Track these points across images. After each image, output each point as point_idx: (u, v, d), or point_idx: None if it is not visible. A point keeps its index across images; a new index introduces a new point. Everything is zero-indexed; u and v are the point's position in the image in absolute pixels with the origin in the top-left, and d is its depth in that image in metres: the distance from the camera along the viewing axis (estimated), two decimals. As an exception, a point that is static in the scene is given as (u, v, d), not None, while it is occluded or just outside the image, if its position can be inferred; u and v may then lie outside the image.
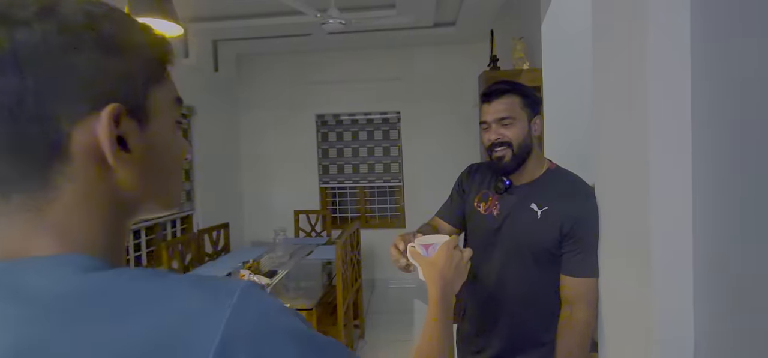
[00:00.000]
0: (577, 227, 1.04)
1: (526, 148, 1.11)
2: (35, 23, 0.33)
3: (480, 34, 3.78)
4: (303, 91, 4.48)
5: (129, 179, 0.37)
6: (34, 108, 0.33)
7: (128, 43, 0.37)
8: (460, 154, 4.34)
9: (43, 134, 0.33)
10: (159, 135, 0.40)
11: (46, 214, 0.35)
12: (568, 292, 1.06)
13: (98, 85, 0.35)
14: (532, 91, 1.15)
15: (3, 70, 0.32)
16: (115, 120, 0.35)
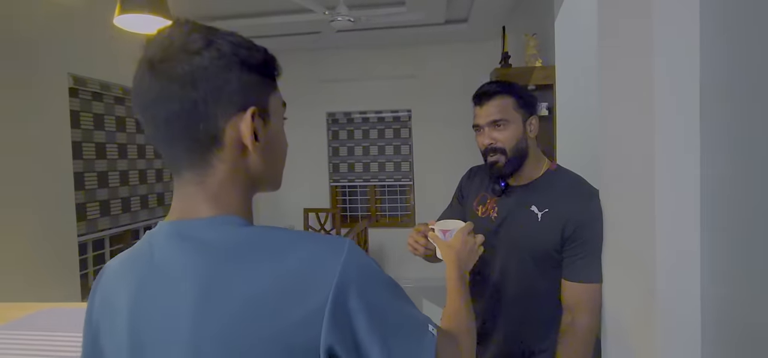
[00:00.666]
0: (580, 229, 0.99)
1: (522, 150, 1.07)
2: (204, 52, 0.47)
3: (492, 31, 3.71)
4: (314, 90, 4.49)
5: (257, 162, 0.53)
6: (203, 111, 0.47)
7: (257, 63, 0.51)
8: (471, 153, 4.28)
9: (207, 129, 0.48)
10: (274, 130, 0.55)
11: (206, 186, 0.50)
12: (570, 297, 1.01)
13: (241, 94, 0.49)
14: (526, 90, 1.11)
15: (184, 86, 0.46)
16: (252, 118, 0.50)
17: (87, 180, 2.45)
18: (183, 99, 0.46)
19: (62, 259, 2.24)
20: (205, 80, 0.47)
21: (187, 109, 0.47)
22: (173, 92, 0.46)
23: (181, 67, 0.46)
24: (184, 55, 0.46)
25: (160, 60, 0.47)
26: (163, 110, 0.47)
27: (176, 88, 0.46)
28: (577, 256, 1.00)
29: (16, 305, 1.20)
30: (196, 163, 0.49)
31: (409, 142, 4.47)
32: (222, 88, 0.48)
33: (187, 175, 0.50)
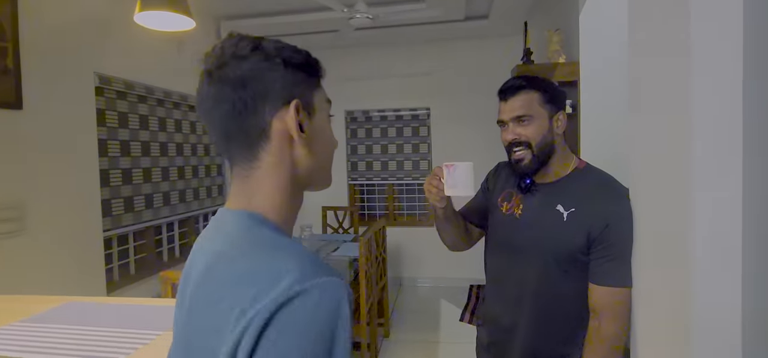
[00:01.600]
0: (608, 231, 0.95)
1: (548, 147, 1.03)
2: (251, 56, 0.52)
3: (514, 27, 3.64)
4: (332, 88, 4.44)
5: (303, 154, 0.55)
6: (252, 107, 0.52)
7: (300, 63, 0.55)
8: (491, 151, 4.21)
9: (255, 124, 0.52)
10: (320, 124, 0.58)
11: (250, 180, 0.54)
12: (597, 301, 0.97)
13: (286, 90, 0.53)
14: (553, 85, 1.06)
15: (235, 87, 0.51)
16: (296, 110, 0.53)
17: (112, 177, 2.51)
18: (235, 99, 0.51)
19: (88, 253, 2.30)
20: (253, 79, 0.52)
21: (238, 107, 0.51)
22: (227, 94, 0.52)
23: (233, 71, 0.51)
24: (234, 61, 0.52)
25: (215, 67, 0.52)
26: (218, 111, 0.52)
27: (229, 90, 0.51)
28: (605, 258, 0.96)
29: (42, 298, 1.23)
30: (247, 156, 0.53)
31: (427, 141, 4.43)
32: (268, 85, 0.52)
33: (238, 169, 0.54)
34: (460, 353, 2.92)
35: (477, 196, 1.25)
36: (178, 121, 3.13)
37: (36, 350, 0.90)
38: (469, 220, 1.24)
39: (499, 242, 1.15)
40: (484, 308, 1.22)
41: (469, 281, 4.27)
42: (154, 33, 2.69)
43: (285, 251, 0.47)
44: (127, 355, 0.86)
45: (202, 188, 3.44)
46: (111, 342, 0.92)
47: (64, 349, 0.91)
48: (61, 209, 2.11)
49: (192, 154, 3.30)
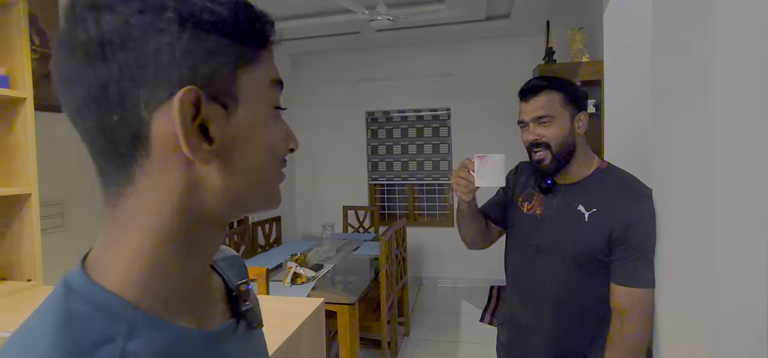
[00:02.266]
0: (630, 232, 0.94)
1: (569, 148, 1.03)
2: (118, 5, 0.31)
3: (535, 26, 3.60)
4: (353, 89, 4.54)
5: (212, 174, 0.34)
6: (118, 96, 0.31)
7: (213, 20, 0.32)
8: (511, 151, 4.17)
9: (125, 123, 0.31)
10: (250, 122, 0.35)
11: (118, 210, 0.33)
12: (619, 302, 0.97)
13: (179, 68, 0.31)
14: (575, 86, 1.06)
15: (89, 60, 0.31)
16: (194, 105, 0.32)
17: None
18: (90, 79, 0.31)
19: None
20: (122, 48, 0.30)
21: (94, 93, 0.31)
22: (79, 69, 0.31)
23: (87, 31, 0.31)
24: (90, 15, 0.31)
25: (67, 23, 0.32)
26: (70, 96, 0.32)
27: (81, 63, 0.31)
28: (627, 259, 0.95)
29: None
30: (114, 176, 0.33)
31: (448, 141, 4.42)
32: (149, 58, 0.31)
33: (107, 193, 0.34)
34: (480, 353, 2.91)
35: (498, 194, 1.26)
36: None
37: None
38: (489, 218, 1.25)
39: (520, 242, 1.15)
40: (504, 308, 1.23)
41: (489, 281, 4.24)
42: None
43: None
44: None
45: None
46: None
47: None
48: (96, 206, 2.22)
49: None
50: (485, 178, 1.02)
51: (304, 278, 2.38)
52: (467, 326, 3.39)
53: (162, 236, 0.33)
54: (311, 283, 2.35)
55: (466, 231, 1.21)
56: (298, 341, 0.97)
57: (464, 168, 1.06)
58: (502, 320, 1.24)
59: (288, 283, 2.32)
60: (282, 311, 1.08)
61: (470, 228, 1.19)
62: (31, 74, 1.31)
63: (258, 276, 1.93)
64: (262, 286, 1.92)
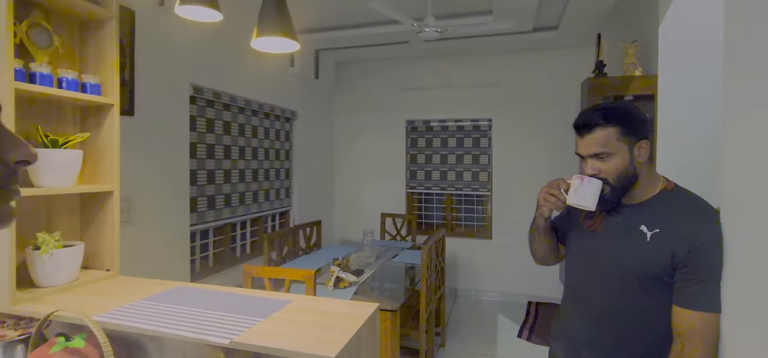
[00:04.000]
0: (695, 253, 0.93)
1: (629, 178, 1.02)
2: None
3: (584, 38, 3.53)
4: (395, 97, 4.61)
5: None
6: None
7: None
8: (556, 165, 4.09)
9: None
10: None
11: None
12: (681, 325, 0.95)
13: None
14: (633, 114, 1.03)
15: None
16: None
17: (199, 177, 2.78)
18: None
19: (178, 244, 2.56)
20: None
21: None
22: None
23: None
24: None
25: None
26: None
27: None
28: (691, 281, 0.94)
29: (157, 282, 1.41)
30: None
31: (488, 152, 4.39)
32: None
33: None
34: (519, 369, 2.86)
35: (562, 215, 1.27)
36: (254, 127, 3.38)
37: (154, 323, 1.06)
38: (557, 236, 1.27)
39: (579, 257, 1.15)
40: (559, 322, 1.23)
41: (526, 296, 4.16)
42: (239, 47, 2.94)
43: None
44: (234, 337, 0.98)
45: (272, 189, 3.67)
46: (219, 324, 1.05)
47: (179, 325, 1.05)
48: (159, 203, 2.38)
49: (265, 158, 3.54)
50: (585, 198, 1.03)
51: (346, 282, 2.44)
52: (504, 341, 3.34)
53: None
54: (353, 288, 2.41)
55: (537, 246, 1.25)
56: (359, 343, 1.01)
57: (555, 186, 1.10)
58: (556, 335, 1.24)
59: (331, 287, 2.39)
60: (341, 313, 1.13)
61: (543, 244, 1.23)
62: (118, 83, 1.44)
63: (306, 278, 2.00)
64: (309, 288, 2.00)
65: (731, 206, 0.88)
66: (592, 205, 1.02)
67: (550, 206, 1.11)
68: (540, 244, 1.23)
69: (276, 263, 2.98)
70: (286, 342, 0.94)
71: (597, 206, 1.03)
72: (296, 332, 1.00)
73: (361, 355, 1.02)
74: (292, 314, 1.12)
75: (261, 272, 2.08)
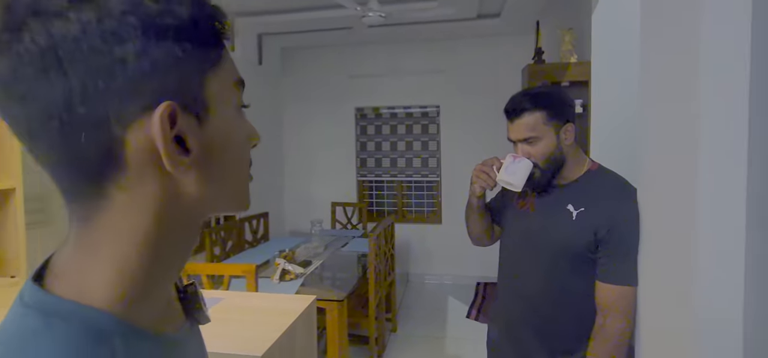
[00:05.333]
0: (614, 230, 0.97)
1: (556, 160, 1.06)
2: (71, 12, 0.28)
3: (526, 25, 3.64)
4: (343, 84, 4.53)
5: (192, 184, 0.33)
6: (83, 113, 0.28)
7: (176, 24, 0.30)
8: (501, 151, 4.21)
9: (95, 141, 0.29)
10: (221, 127, 0.34)
11: (92, 225, 0.32)
12: (602, 299, 1.00)
13: (148, 79, 0.29)
14: (558, 97, 1.08)
15: (46, 72, 0.28)
16: (171, 119, 0.30)
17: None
18: (47, 94, 0.28)
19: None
20: (80, 60, 0.28)
21: (53, 111, 0.28)
22: (28, 85, 0.28)
23: (34, 40, 0.27)
24: (37, 22, 0.27)
25: (3, 29, 0.28)
26: (20, 111, 0.29)
27: (32, 77, 0.28)
28: (611, 257, 0.98)
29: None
30: (84, 192, 0.31)
31: (437, 139, 4.45)
32: (111, 71, 0.28)
33: (74, 207, 0.32)
34: (467, 348, 2.95)
35: (497, 196, 1.29)
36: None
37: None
38: (492, 216, 1.29)
39: (512, 239, 1.19)
40: (495, 304, 1.26)
41: (476, 278, 4.29)
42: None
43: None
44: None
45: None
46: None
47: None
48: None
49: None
50: (513, 175, 1.05)
51: (292, 274, 2.38)
52: (454, 322, 3.43)
53: (142, 247, 0.32)
54: (300, 279, 2.35)
55: (473, 227, 1.27)
56: (292, 338, 0.98)
57: (488, 164, 1.11)
58: (493, 316, 1.27)
59: (276, 280, 2.32)
60: (275, 309, 1.08)
61: (478, 224, 1.25)
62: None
63: (247, 273, 1.92)
64: (250, 283, 1.92)
65: (645, 185, 0.93)
66: (520, 184, 1.05)
67: (481, 183, 1.13)
68: (475, 223, 1.25)
69: (220, 258, 2.85)
70: (212, 343, 0.88)
71: (527, 186, 1.06)
72: (224, 332, 0.95)
73: (296, 349, 0.98)
74: (222, 313, 1.06)
75: (197, 269, 1.97)
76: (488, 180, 1.11)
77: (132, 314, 0.32)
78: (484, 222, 1.26)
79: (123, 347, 0.31)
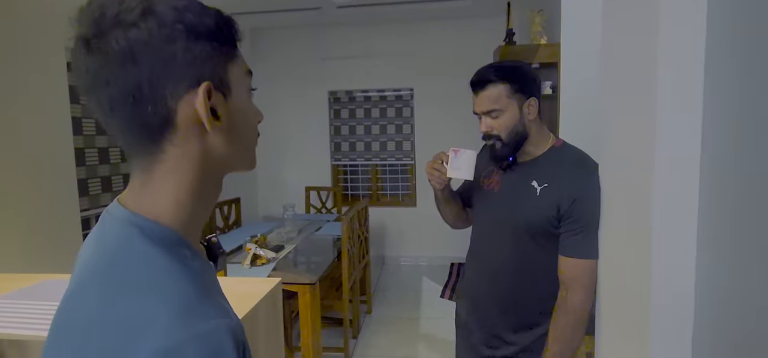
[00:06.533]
0: (576, 205, 0.99)
1: (519, 134, 1.07)
2: (142, 23, 0.41)
3: (497, 7, 3.65)
4: (316, 67, 4.44)
5: (219, 143, 0.46)
6: (150, 91, 0.41)
7: (208, 30, 0.44)
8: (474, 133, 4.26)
9: (157, 111, 0.42)
10: (239, 104, 0.48)
11: (153, 174, 0.45)
12: (565, 273, 1.02)
13: (191, 67, 0.43)
14: (523, 72, 1.08)
15: (124, 65, 0.40)
16: (207, 94, 0.44)
17: (88, 156, 2.46)
18: (124, 81, 0.41)
19: (65, 233, 2.26)
20: (148, 56, 0.41)
21: (130, 91, 0.41)
22: (112, 73, 0.41)
23: (117, 43, 0.40)
24: (118, 30, 0.40)
25: (93, 35, 0.41)
26: (104, 94, 0.42)
27: (115, 69, 0.41)
28: (573, 231, 1.00)
29: (20, 276, 1.22)
30: (148, 149, 0.44)
31: (411, 122, 4.44)
32: (168, 62, 0.42)
33: (138, 161, 0.45)
34: (440, 328, 3.01)
35: (465, 181, 1.30)
36: (156, 99, 3.06)
37: (14, 325, 0.90)
38: (464, 201, 1.31)
39: (479, 216, 1.20)
40: (463, 282, 1.27)
41: (450, 258, 4.36)
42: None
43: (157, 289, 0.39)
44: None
45: (183, 167, 3.39)
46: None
47: (44, 324, 0.91)
48: (35, 188, 2.06)
49: (171, 133, 3.24)
50: (458, 170, 1.09)
51: (264, 259, 2.34)
52: (428, 303, 3.48)
53: (190, 186, 0.45)
54: (272, 264, 2.32)
55: (445, 214, 1.30)
56: (254, 322, 0.95)
57: (438, 159, 1.13)
58: (460, 294, 1.28)
59: (247, 265, 2.28)
60: (238, 292, 1.06)
61: (448, 212, 1.27)
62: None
63: (215, 258, 1.87)
64: (219, 268, 1.87)
65: (606, 162, 0.95)
66: (469, 174, 1.08)
67: (435, 180, 1.15)
68: (445, 212, 1.28)
69: (188, 245, 2.78)
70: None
71: (491, 162, 1.07)
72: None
73: (259, 332, 0.96)
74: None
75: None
76: (440, 177, 1.13)
77: (187, 236, 0.46)
78: (454, 208, 1.28)
79: (189, 253, 0.45)
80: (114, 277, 0.40)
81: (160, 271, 0.41)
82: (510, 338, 1.12)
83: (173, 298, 0.39)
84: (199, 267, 0.45)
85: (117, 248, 0.42)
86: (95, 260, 0.43)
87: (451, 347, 1.36)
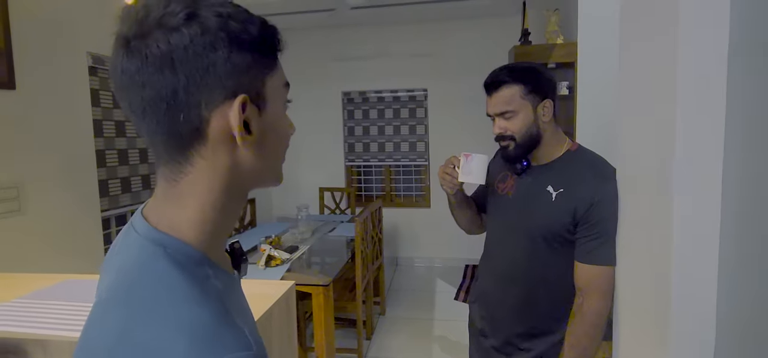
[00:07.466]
0: (593, 211, 0.97)
1: (533, 137, 1.05)
2: (184, 28, 0.39)
3: (513, 6, 3.61)
4: (330, 68, 4.46)
5: (248, 157, 0.44)
6: (185, 99, 0.40)
7: (251, 39, 0.42)
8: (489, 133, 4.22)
9: (189, 120, 0.41)
10: (272, 118, 0.46)
11: (179, 184, 0.43)
12: (582, 280, 1.00)
13: (231, 78, 0.41)
14: (537, 74, 1.06)
15: (162, 69, 0.39)
16: (242, 108, 0.42)
17: (108, 157, 2.52)
18: (161, 85, 0.39)
19: (86, 233, 2.32)
20: (186, 61, 0.39)
21: (165, 97, 0.39)
22: (149, 76, 0.39)
23: (158, 46, 0.39)
24: (160, 33, 0.39)
25: (134, 36, 0.39)
26: (137, 95, 0.40)
27: (152, 72, 0.39)
28: (589, 237, 0.98)
29: (43, 276, 1.26)
30: (175, 157, 0.42)
31: (424, 122, 4.43)
32: (207, 70, 0.40)
33: (164, 169, 0.43)
34: (454, 330, 2.99)
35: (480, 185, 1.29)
36: (174, 101, 3.11)
37: (38, 325, 0.93)
38: (479, 206, 1.30)
39: (493, 221, 1.18)
40: (476, 286, 1.26)
41: (464, 261, 4.32)
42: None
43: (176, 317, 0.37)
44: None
45: (200, 168, 3.44)
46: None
47: (67, 325, 0.93)
48: (58, 189, 2.12)
49: (188, 135, 3.30)
50: (469, 175, 1.08)
51: (278, 260, 2.36)
52: (442, 305, 3.46)
53: (215, 201, 0.44)
54: (286, 265, 2.34)
55: (458, 220, 1.29)
56: (268, 324, 0.96)
57: (450, 164, 1.12)
58: (474, 298, 1.27)
59: (262, 266, 2.30)
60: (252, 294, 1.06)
61: (462, 217, 1.26)
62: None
63: (230, 259, 1.90)
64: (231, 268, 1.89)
65: (624, 166, 0.92)
66: (481, 179, 1.07)
67: (447, 185, 1.14)
68: (459, 217, 1.27)
69: (205, 245, 2.82)
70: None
71: (505, 166, 1.05)
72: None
73: (273, 335, 0.97)
74: (200, 300, 1.04)
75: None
76: (452, 182, 1.12)
77: (209, 251, 0.44)
78: (468, 214, 1.26)
79: (212, 271, 0.43)
80: (134, 301, 0.39)
81: (180, 297, 0.39)
82: (524, 344, 1.10)
83: (191, 327, 0.37)
84: (221, 285, 0.43)
85: (139, 269, 0.41)
86: (119, 279, 0.41)
87: (465, 350, 1.35)
